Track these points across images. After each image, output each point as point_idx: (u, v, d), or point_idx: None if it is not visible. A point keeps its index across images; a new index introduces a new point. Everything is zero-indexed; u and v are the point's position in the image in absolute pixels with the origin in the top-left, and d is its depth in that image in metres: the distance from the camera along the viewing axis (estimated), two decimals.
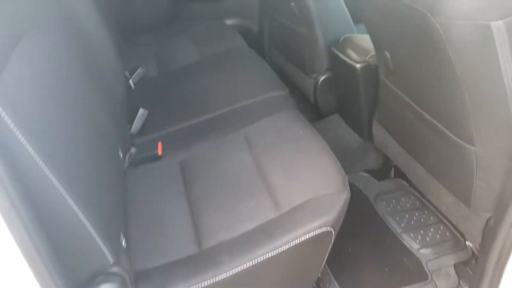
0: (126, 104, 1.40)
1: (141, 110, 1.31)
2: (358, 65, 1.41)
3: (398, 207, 1.41)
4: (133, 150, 1.19)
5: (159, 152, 1.18)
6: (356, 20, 1.58)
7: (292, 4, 1.61)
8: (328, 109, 1.74)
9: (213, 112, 1.31)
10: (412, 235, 1.29)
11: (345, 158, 1.58)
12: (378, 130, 1.46)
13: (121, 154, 1.12)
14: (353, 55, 1.47)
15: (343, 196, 0.89)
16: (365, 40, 1.50)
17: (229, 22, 2.10)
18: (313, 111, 1.86)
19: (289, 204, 0.89)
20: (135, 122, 1.30)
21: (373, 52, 1.36)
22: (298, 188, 0.92)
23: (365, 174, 1.55)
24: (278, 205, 0.91)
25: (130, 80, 1.53)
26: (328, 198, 0.88)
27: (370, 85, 1.43)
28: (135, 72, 1.57)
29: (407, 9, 0.81)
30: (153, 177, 1.14)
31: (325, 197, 0.88)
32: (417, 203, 1.42)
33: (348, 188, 0.92)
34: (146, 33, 1.96)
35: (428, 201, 1.38)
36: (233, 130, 1.20)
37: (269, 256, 0.82)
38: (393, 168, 1.55)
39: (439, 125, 1.02)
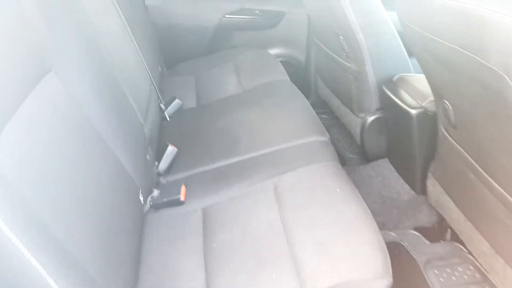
0: (157, 138, 1.33)
1: (169, 148, 1.23)
2: (413, 111, 1.24)
3: (453, 278, 1.20)
4: (155, 193, 1.11)
5: (182, 197, 1.09)
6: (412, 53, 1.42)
7: (341, 38, 1.48)
8: (376, 152, 1.57)
9: (243, 154, 1.20)
10: None
11: (393, 212, 1.40)
12: (433, 186, 1.27)
13: (142, 198, 1.04)
14: (408, 98, 1.30)
15: (383, 284, 0.73)
16: (422, 81, 1.33)
17: (273, 51, 2.01)
18: (358, 151, 1.70)
19: (316, 286, 0.75)
20: (162, 160, 1.22)
21: (432, 97, 1.19)
22: (329, 268, 0.77)
23: (415, 232, 1.35)
24: (303, 285, 0.76)
25: (165, 112, 1.47)
26: (363, 285, 0.73)
27: (427, 134, 1.25)
28: (171, 103, 1.51)
29: (476, 64, 0.66)
30: (173, 224, 1.05)
31: (360, 284, 0.73)
32: (476, 275, 1.20)
33: (390, 273, 0.76)
34: (189, 60, 1.92)
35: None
36: (263, 178, 1.08)
37: None
38: (449, 229, 1.34)
39: (509, 198, 0.83)
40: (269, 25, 1.96)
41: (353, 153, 1.72)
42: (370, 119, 1.52)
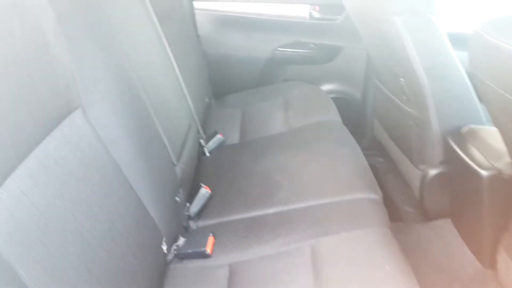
0: (192, 177, 1.26)
1: (202, 191, 1.14)
2: (484, 172, 1.06)
3: None
4: (181, 241, 1.02)
5: (209, 250, 0.99)
6: None
7: (402, 80, 1.33)
8: (438, 211, 1.38)
9: (281, 205, 1.08)
10: None
11: (453, 286, 1.20)
12: (505, 263, 1.06)
13: (166, 247, 0.96)
14: (479, 156, 1.12)
15: None
16: (497, 136, 1.15)
17: (327, 87, 1.89)
18: (416, 205, 1.50)
19: None
20: (194, 203, 1.14)
21: (508, 158, 1.01)
22: None
23: None
24: None
25: (205, 148, 1.40)
26: None
27: (500, 201, 1.06)
28: (213, 138, 1.44)
29: None
30: (196, 279, 0.95)
31: None
32: None
33: None
34: (238, 92, 1.85)
35: None
36: (300, 239, 0.95)
37: None
38: None
39: None
40: (324, 59, 1.86)
41: (410, 206, 1.53)
42: (432, 172, 1.33)
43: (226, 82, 1.90)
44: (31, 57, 0.65)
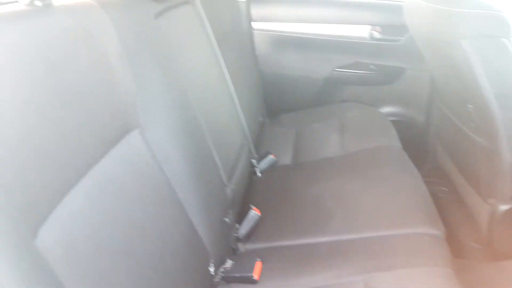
0: (243, 197, 1.24)
1: (252, 213, 1.13)
2: None
3: None
4: (228, 264, 1.00)
5: (256, 276, 0.96)
6: None
7: (470, 106, 1.23)
8: (507, 251, 1.25)
9: (334, 234, 1.03)
10: None
11: None
12: None
13: (213, 269, 0.95)
14: None
15: None
16: None
17: (387, 109, 1.81)
18: (482, 241, 1.38)
19: None
20: (243, 225, 1.12)
21: None
22: None
23: None
24: None
25: (257, 168, 1.39)
26: None
27: None
28: (265, 158, 1.43)
29: None
30: None
31: None
32: None
33: None
34: (293, 112, 1.83)
35: None
36: (353, 272, 0.90)
37: None
38: None
39: None
40: (384, 81, 1.79)
41: (476, 242, 1.40)
42: (503, 208, 1.22)
43: (281, 101, 1.89)
44: (95, 81, 0.68)
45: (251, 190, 1.31)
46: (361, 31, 1.73)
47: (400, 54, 1.72)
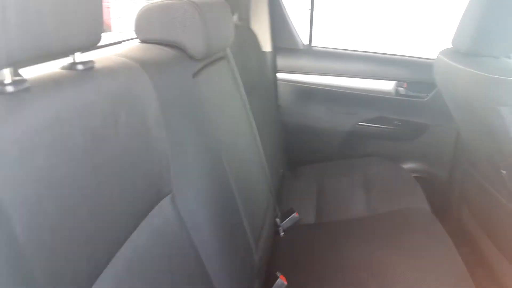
0: (268, 262, 1.18)
1: (279, 282, 1.06)
2: None
3: None
4: None
5: None
6: None
7: (504, 172, 1.19)
8: None
9: None
10: None
11: None
12: None
13: None
14: None
15: None
16: None
17: (409, 165, 1.77)
18: None
19: None
20: None
21: None
22: None
23: None
24: None
25: (280, 227, 1.33)
26: None
27: None
28: (288, 217, 1.37)
29: None
30: None
31: None
32: None
33: None
34: (314, 164, 1.79)
35: None
36: None
37: None
38: None
39: None
40: (408, 136, 1.76)
41: None
42: None
43: (302, 153, 1.86)
44: (133, 146, 0.65)
45: (275, 252, 1.24)
46: (386, 86, 1.72)
47: (425, 110, 1.70)
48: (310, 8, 1.78)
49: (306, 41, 1.82)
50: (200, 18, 0.86)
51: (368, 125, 1.76)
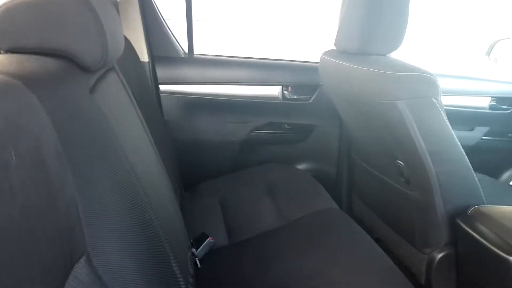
0: None
1: None
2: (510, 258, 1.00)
3: None
4: None
5: None
6: None
7: (400, 162, 1.28)
8: None
9: None
10: None
11: None
12: None
13: None
14: (496, 239, 1.07)
15: None
16: (508, 215, 1.14)
17: (301, 166, 1.81)
18: None
19: None
20: None
21: None
22: None
23: None
24: None
25: (197, 259, 1.16)
26: None
27: None
28: (202, 243, 1.21)
29: None
30: None
31: None
32: None
33: None
34: (211, 179, 1.67)
35: None
36: None
37: None
38: None
39: None
40: (299, 138, 1.79)
41: None
42: (439, 256, 1.27)
43: (197, 169, 1.72)
44: (29, 200, 0.44)
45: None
46: (273, 91, 1.71)
47: (310, 112, 1.75)
48: (186, 13, 1.66)
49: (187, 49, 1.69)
50: (94, 18, 0.66)
51: (261, 132, 1.73)
